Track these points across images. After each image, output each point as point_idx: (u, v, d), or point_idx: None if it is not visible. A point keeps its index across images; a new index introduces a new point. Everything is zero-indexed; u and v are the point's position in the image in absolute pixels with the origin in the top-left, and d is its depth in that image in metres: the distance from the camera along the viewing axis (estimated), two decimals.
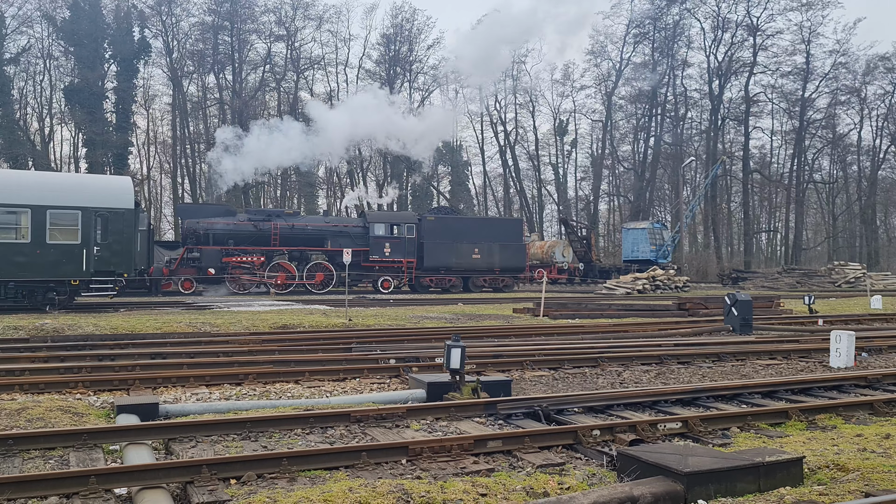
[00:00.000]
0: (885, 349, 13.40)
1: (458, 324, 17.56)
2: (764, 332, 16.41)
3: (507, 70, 64.49)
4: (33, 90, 55.04)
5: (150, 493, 5.01)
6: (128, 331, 14.98)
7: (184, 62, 57.27)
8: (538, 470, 5.80)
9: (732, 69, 62.10)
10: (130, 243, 21.00)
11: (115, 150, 52.13)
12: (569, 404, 7.80)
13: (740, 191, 64.83)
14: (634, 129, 66.44)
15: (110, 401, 8.36)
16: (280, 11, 57.80)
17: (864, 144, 65.23)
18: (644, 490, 4.77)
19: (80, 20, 51.54)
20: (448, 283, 34.65)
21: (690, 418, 7.13)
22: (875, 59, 61.16)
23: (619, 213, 69.83)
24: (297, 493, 4.72)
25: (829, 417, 7.67)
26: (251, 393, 9.21)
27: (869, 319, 19.98)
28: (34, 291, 20.02)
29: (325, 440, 6.72)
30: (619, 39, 63.72)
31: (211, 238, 30.55)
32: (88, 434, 6.31)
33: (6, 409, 7.47)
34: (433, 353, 11.59)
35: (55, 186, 20.77)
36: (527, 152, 68.76)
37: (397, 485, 4.83)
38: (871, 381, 9.66)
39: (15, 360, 10.94)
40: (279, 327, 16.25)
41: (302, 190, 60.16)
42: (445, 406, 7.66)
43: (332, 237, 32.54)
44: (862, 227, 65.36)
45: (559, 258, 46.28)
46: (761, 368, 11.59)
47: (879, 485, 4.93)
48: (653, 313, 21.37)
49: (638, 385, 9.92)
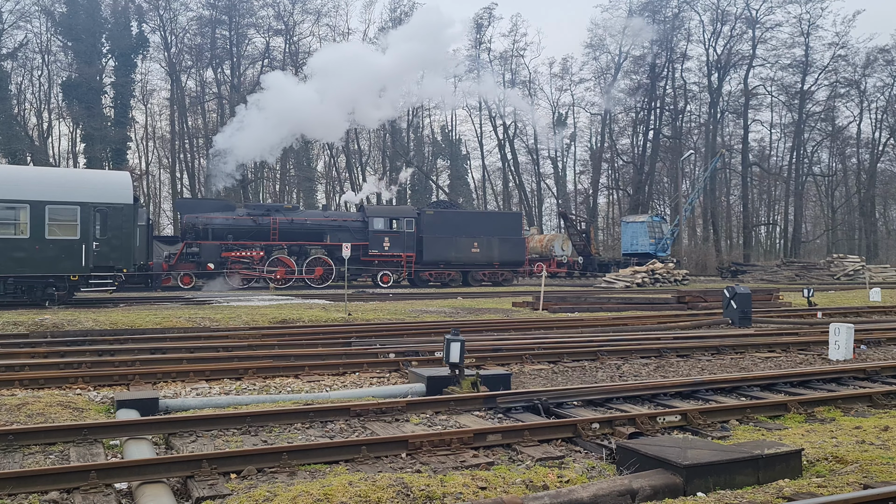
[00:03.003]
0: (884, 341, 13.41)
1: (458, 318, 17.57)
2: (763, 324, 16.43)
3: (506, 64, 64.52)
4: (31, 85, 54.98)
5: (150, 487, 5.02)
6: (127, 326, 14.99)
7: (182, 57, 57.13)
8: (538, 463, 5.81)
9: (731, 62, 61.98)
10: (129, 238, 20.98)
11: (113, 144, 52.08)
12: (568, 398, 7.81)
13: (739, 184, 64.79)
14: (633, 123, 66.36)
15: (110, 396, 8.38)
16: (278, 6, 57.64)
17: (863, 137, 65.27)
18: (643, 483, 4.79)
19: (77, 15, 51.42)
20: (447, 278, 34.66)
21: (689, 411, 7.15)
22: (874, 51, 61.09)
23: (618, 206, 69.81)
24: (298, 487, 4.73)
25: (828, 410, 7.68)
26: (251, 387, 9.23)
27: (868, 312, 20.00)
28: (33, 287, 20.01)
29: (325, 434, 6.73)
30: (618, 33, 63.63)
31: (210, 233, 30.51)
32: (88, 429, 6.32)
33: (6, 404, 7.48)
34: (433, 347, 11.60)
35: (54, 182, 20.73)
36: (526, 146, 68.77)
37: (397, 478, 4.84)
38: (870, 373, 9.68)
39: (15, 355, 10.95)
40: (279, 322, 16.26)
41: (301, 184, 60.12)
42: (445, 400, 7.68)
43: (332, 232, 32.51)
44: (861, 220, 65.36)
45: (558, 252, 46.29)
46: (760, 361, 11.61)
47: (878, 476, 4.95)
48: (652, 306, 21.39)
49: (637, 378, 9.94)
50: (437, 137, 67.49)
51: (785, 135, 66.59)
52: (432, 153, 66.92)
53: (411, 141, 64.75)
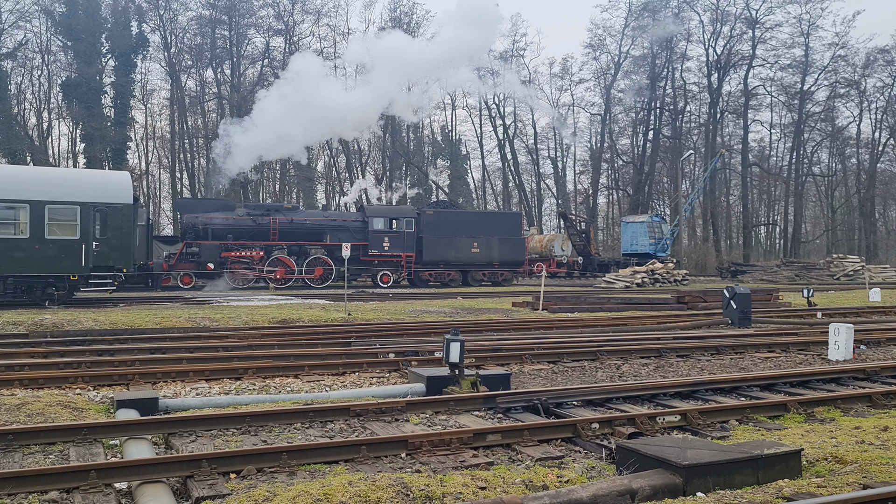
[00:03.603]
0: (884, 342, 13.41)
1: (458, 318, 17.57)
2: (762, 325, 16.43)
3: (506, 64, 64.45)
4: (31, 85, 54.99)
5: (150, 487, 5.02)
6: (127, 326, 14.99)
7: (182, 57, 57.13)
8: (537, 463, 5.81)
9: (731, 62, 61.96)
10: (129, 238, 20.98)
11: (113, 144, 52.08)
12: (568, 398, 7.81)
13: (739, 184, 64.80)
14: (633, 123, 66.39)
15: (110, 396, 8.38)
16: (278, 6, 57.63)
17: (863, 137, 65.27)
18: (643, 483, 4.79)
19: (77, 15, 51.42)
20: (447, 277, 34.65)
21: (689, 411, 7.15)
22: (874, 51, 61.09)
23: (617, 206, 69.80)
24: (297, 487, 4.73)
25: (828, 410, 7.68)
26: (251, 387, 9.23)
27: (867, 312, 20.00)
28: (33, 287, 20.01)
29: (325, 434, 6.73)
30: (618, 33, 63.63)
31: (210, 233, 30.51)
32: (88, 429, 6.32)
33: (6, 404, 7.48)
34: (432, 347, 11.61)
35: (54, 181, 20.73)
36: (526, 146, 68.76)
37: (397, 478, 4.84)
38: (870, 373, 9.68)
39: (14, 355, 10.95)
40: (278, 322, 16.26)
41: (301, 184, 60.10)
42: (445, 400, 7.68)
43: (331, 231, 32.51)
44: (861, 220, 65.36)
45: (558, 252, 46.29)
46: (760, 361, 11.62)
47: (877, 477, 4.95)
48: (652, 307, 21.39)
49: (637, 378, 9.94)
50: (436, 137, 67.50)
51: (785, 135, 66.63)
52: (432, 153, 66.92)
53: (411, 141, 64.75)
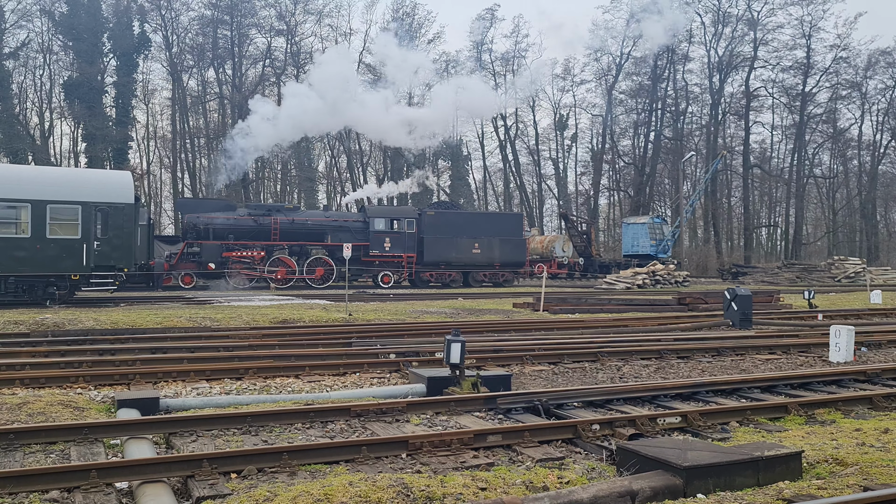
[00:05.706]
0: (885, 344, 13.40)
1: (458, 318, 17.57)
2: (763, 326, 16.42)
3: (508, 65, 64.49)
4: (33, 84, 54.98)
5: (150, 486, 5.02)
6: (128, 325, 15.00)
7: (183, 57, 57.18)
8: (538, 464, 5.82)
9: (733, 64, 61.97)
10: (130, 238, 20.99)
11: (114, 144, 52.09)
12: (568, 399, 7.81)
13: (740, 185, 64.78)
14: (635, 124, 66.37)
15: (111, 395, 8.38)
16: (280, 6, 57.69)
17: (864, 139, 65.30)
18: (643, 484, 4.79)
19: (78, 14, 51.45)
20: (448, 278, 34.65)
21: (690, 413, 7.15)
22: (876, 53, 61.12)
23: (619, 207, 69.79)
24: (298, 487, 4.74)
25: (829, 412, 7.69)
26: (251, 387, 9.23)
27: (868, 314, 19.99)
28: (34, 286, 20.02)
29: (326, 434, 6.73)
30: (619, 34, 63.64)
31: (211, 233, 30.53)
32: (89, 428, 6.32)
33: (7, 403, 7.49)
34: (433, 348, 11.60)
35: (55, 181, 20.74)
36: (527, 147, 68.76)
37: (397, 479, 4.84)
38: (871, 375, 9.68)
39: (16, 354, 10.96)
40: (279, 322, 16.26)
41: (302, 185, 60.12)
42: (445, 400, 7.68)
43: (332, 232, 32.52)
44: (862, 222, 65.34)
45: (559, 253, 46.28)
46: (761, 363, 11.61)
47: (878, 479, 4.95)
48: (652, 308, 21.38)
49: (637, 380, 9.94)
50: None
51: (786, 137, 66.63)
52: (433, 153, 66.88)
53: None
